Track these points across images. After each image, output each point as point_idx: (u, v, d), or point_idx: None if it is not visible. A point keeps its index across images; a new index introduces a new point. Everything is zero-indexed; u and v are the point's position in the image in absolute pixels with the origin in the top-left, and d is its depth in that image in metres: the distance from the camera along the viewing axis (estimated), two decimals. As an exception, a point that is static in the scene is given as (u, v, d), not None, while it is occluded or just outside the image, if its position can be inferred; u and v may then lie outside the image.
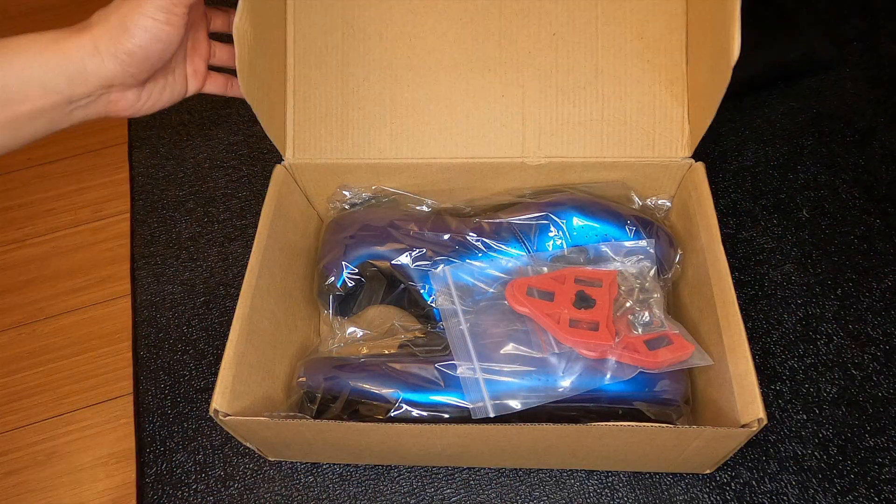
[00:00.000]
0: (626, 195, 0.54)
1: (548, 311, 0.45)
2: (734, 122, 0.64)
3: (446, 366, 0.45)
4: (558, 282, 0.46)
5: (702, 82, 0.48)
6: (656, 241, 0.49)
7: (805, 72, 0.66)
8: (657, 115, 0.51)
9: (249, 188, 0.64)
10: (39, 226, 1.31)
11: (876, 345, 0.52)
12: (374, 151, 0.53)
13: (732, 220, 0.59)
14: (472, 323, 0.46)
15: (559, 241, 0.50)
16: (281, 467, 0.50)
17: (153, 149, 0.68)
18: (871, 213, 0.58)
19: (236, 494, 0.49)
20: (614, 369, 0.43)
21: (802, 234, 0.58)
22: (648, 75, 0.51)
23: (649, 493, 0.47)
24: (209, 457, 0.51)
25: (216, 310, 0.58)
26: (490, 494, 0.48)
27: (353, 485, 0.49)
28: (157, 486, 0.50)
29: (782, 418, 0.49)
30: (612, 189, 0.53)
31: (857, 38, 0.68)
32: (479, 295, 0.48)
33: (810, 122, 0.64)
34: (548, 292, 0.46)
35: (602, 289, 0.46)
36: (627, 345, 0.43)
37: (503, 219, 0.51)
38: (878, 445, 0.48)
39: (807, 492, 0.46)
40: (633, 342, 0.43)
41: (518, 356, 0.44)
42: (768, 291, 0.55)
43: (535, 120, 0.52)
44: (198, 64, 0.47)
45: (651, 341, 0.44)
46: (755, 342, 0.53)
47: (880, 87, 0.65)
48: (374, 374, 0.46)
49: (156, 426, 0.53)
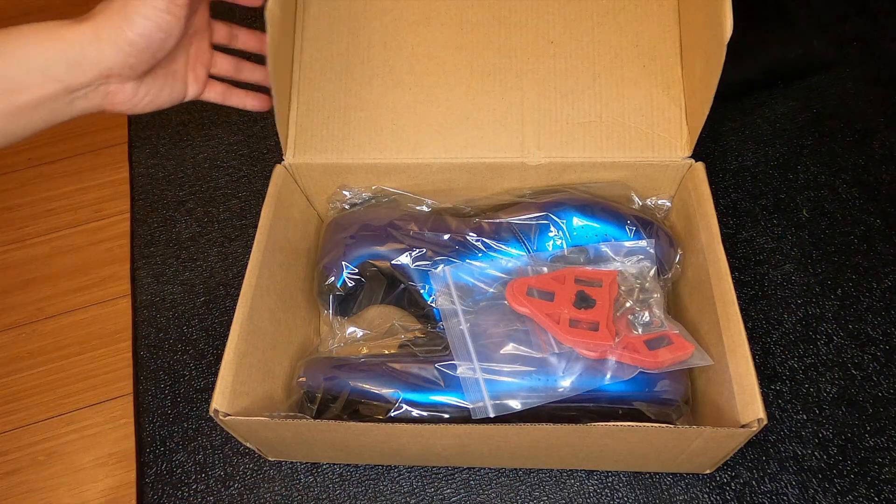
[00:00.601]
0: (626, 195, 0.54)
1: (548, 311, 0.45)
2: (734, 122, 0.64)
3: (446, 366, 0.45)
4: (558, 282, 0.46)
5: (697, 76, 0.48)
6: (656, 241, 0.49)
7: (805, 72, 0.66)
8: (655, 117, 0.51)
9: (249, 188, 0.64)
10: (39, 226, 1.31)
11: (876, 345, 0.52)
12: (375, 152, 0.53)
13: (732, 220, 0.59)
14: (472, 323, 0.46)
15: (559, 241, 0.50)
16: (281, 467, 0.50)
17: (153, 149, 0.68)
18: (871, 213, 0.58)
19: (236, 494, 0.49)
20: (614, 369, 0.43)
21: (802, 234, 0.58)
22: (645, 79, 0.52)
23: (649, 493, 0.47)
24: (209, 457, 0.51)
25: (216, 310, 0.58)
26: (490, 494, 0.48)
27: (353, 485, 0.49)
28: (157, 486, 0.50)
29: (782, 418, 0.49)
30: (612, 189, 0.53)
31: (857, 38, 0.68)
32: (479, 295, 0.48)
33: (810, 122, 0.64)
34: (548, 292, 0.46)
35: (602, 289, 0.46)
36: (627, 345, 0.43)
37: (503, 219, 0.51)
38: (878, 445, 0.48)
39: (807, 492, 0.46)
40: (633, 342, 0.43)
41: (518, 356, 0.44)
42: (768, 291, 0.55)
43: (534, 121, 0.52)
44: (199, 70, 0.47)
45: (651, 341, 0.44)
46: (755, 342, 0.53)
47: (880, 87, 0.65)
48: (374, 374, 0.46)
49: (156, 426, 0.53)
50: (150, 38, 0.40)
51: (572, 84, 0.52)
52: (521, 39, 0.53)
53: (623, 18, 0.53)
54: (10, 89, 0.38)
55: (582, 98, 0.52)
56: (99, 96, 0.42)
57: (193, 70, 0.47)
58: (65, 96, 0.40)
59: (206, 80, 0.48)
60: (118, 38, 0.39)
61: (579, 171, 0.53)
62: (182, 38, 0.43)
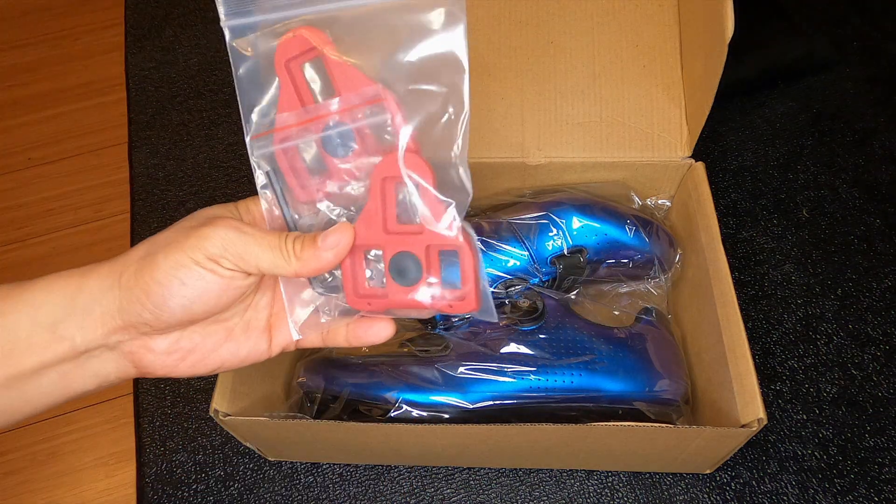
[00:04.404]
0: (626, 195, 0.54)
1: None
2: (734, 122, 0.64)
3: (446, 366, 0.45)
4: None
5: (698, 76, 0.48)
6: (656, 241, 0.49)
7: (805, 72, 0.66)
8: (655, 117, 0.51)
9: (249, 188, 0.64)
10: (39, 226, 1.31)
11: (876, 345, 0.52)
12: (374, 151, 0.53)
13: (732, 220, 0.59)
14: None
15: (559, 240, 0.50)
16: (281, 467, 0.50)
17: (153, 149, 0.68)
18: (871, 213, 0.58)
19: (236, 494, 0.49)
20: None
21: (802, 234, 0.58)
22: (645, 80, 0.52)
23: (649, 493, 0.47)
24: (209, 457, 0.51)
25: (216, 310, 0.58)
26: (490, 494, 0.48)
27: (353, 485, 0.49)
28: (157, 486, 0.50)
29: (782, 418, 0.49)
30: (612, 189, 0.53)
31: (857, 38, 0.68)
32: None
33: (810, 122, 0.64)
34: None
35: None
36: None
37: (503, 219, 0.51)
38: (878, 445, 0.48)
39: (807, 492, 0.46)
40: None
41: (517, 355, 0.44)
42: (768, 291, 0.55)
43: (534, 121, 0.52)
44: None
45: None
46: (755, 342, 0.53)
47: (880, 87, 0.65)
48: (374, 374, 0.46)
49: (156, 426, 0.53)
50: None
51: (572, 84, 0.52)
52: (521, 39, 0.53)
53: (623, 18, 0.52)
54: (12, 350, 0.30)
55: (582, 98, 0.52)
56: (120, 355, 0.32)
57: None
58: (76, 357, 0.31)
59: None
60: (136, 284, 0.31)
61: (579, 171, 0.53)
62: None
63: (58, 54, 1.49)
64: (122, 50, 0.76)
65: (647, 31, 0.52)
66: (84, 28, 1.52)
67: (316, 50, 0.32)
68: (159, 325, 0.31)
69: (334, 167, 0.33)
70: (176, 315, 0.31)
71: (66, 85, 1.45)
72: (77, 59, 1.48)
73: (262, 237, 0.31)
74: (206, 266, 0.30)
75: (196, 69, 0.73)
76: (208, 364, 0.34)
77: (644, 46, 0.52)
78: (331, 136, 0.33)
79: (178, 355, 0.33)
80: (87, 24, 1.53)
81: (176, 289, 0.30)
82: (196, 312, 0.31)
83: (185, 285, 0.30)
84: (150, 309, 0.30)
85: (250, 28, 0.32)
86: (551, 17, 0.53)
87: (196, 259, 0.30)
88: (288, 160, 0.33)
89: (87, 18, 1.53)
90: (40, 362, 0.31)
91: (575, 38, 0.53)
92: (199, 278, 0.30)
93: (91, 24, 1.53)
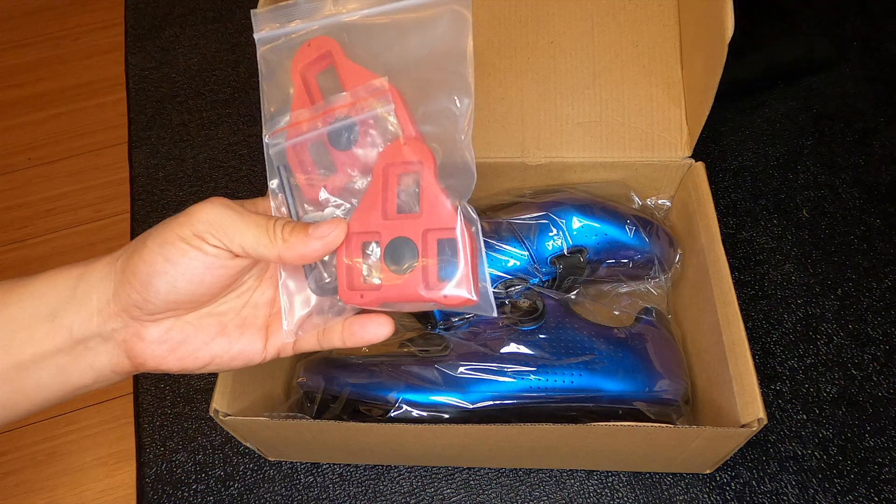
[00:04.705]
0: (626, 195, 0.54)
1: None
2: (734, 122, 0.64)
3: (446, 366, 0.45)
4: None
5: (698, 76, 0.48)
6: (656, 241, 0.49)
7: (805, 72, 0.66)
8: (655, 117, 0.51)
9: (249, 188, 0.64)
10: (39, 226, 1.31)
11: (876, 345, 0.52)
12: (374, 151, 0.53)
13: (732, 220, 0.59)
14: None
15: (559, 240, 0.50)
16: (281, 467, 0.50)
17: (153, 149, 0.68)
18: (871, 213, 0.58)
19: (236, 494, 0.49)
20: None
21: (802, 234, 0.58)
22: (645, 79, 0.52)
23: (649, 493, 0.47)
24: (209, 457, 0.51)
25: (216, 310, 0.58)
26: (490, 494, 0.48)
27: (353, 485, 0.49)
28: (157, 486, 0.50)
29: (782, 418, 0.49)
30: (611, 189, 0.53)
31: (857, 38, 0.68)
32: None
33: (810, 122, 0.64)
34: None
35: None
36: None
37: (503, 219, 0.51)
38: (878, 445, 0.48)
39: (807, 492, 0.46)
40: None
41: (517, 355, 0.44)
42: (768, 291, 0.55)
43: (534, 121, 0.52)
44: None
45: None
46: (755, 342, 0.53)
47: (880, 87, 0.65)
48: (373, 374, 0.46)
49: (156, 426, 0.53)
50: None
51: (572, 84, 0.52)
52: (521, 39, 0.53)
53: (623, 18, 0.52)
54: (11, 341, 0.31)
55: (582, 98, 0.52)
56: (115, 345, 0.32)
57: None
58: (73, 347, 0.32)
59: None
60: (125, 268, 0.31)
61: (579, 171, 0.53)
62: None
63: (58, 54, 1.49)
64: (122, 50, 0.76)
65: (647, 31, 0.52)
66: (84, 28, 1.52)
67: (329, 56, 0.34)
68: (147, 306, 0.31)
69: (341, 162, 0.34)
70: (160, 294, 0.30)
71: (66, 85, 1.45)
72: (77, 59, 1.48)
73: (250, 216, 0.31)
74: (192, 243, 0.30)
75: (196, 69, 0.73)
76: (199, 358, 0.33)
77: (644, 46, 0.52)
78: (337, 130, 0.34)
79: (168, 345, 0.32)
80: (87, 24, 1.53)
81: (160, 266, 0.30)
82: (182, 293, 0.31)
83: (168, 261, 0.30)
84: (137, 289, 0.30)
85: (275, 39, 0.35)
86: (551, 17, 0.53)
87: (182, 235, 0.30)
88: (297, 156, 0.35)
89: (87, 18, 1.53)
90: (39, 353, 0.31)
91: (575, 38, 0.53)
92: (182, 255, 0.30)
93: (91, 24, 1.53)
